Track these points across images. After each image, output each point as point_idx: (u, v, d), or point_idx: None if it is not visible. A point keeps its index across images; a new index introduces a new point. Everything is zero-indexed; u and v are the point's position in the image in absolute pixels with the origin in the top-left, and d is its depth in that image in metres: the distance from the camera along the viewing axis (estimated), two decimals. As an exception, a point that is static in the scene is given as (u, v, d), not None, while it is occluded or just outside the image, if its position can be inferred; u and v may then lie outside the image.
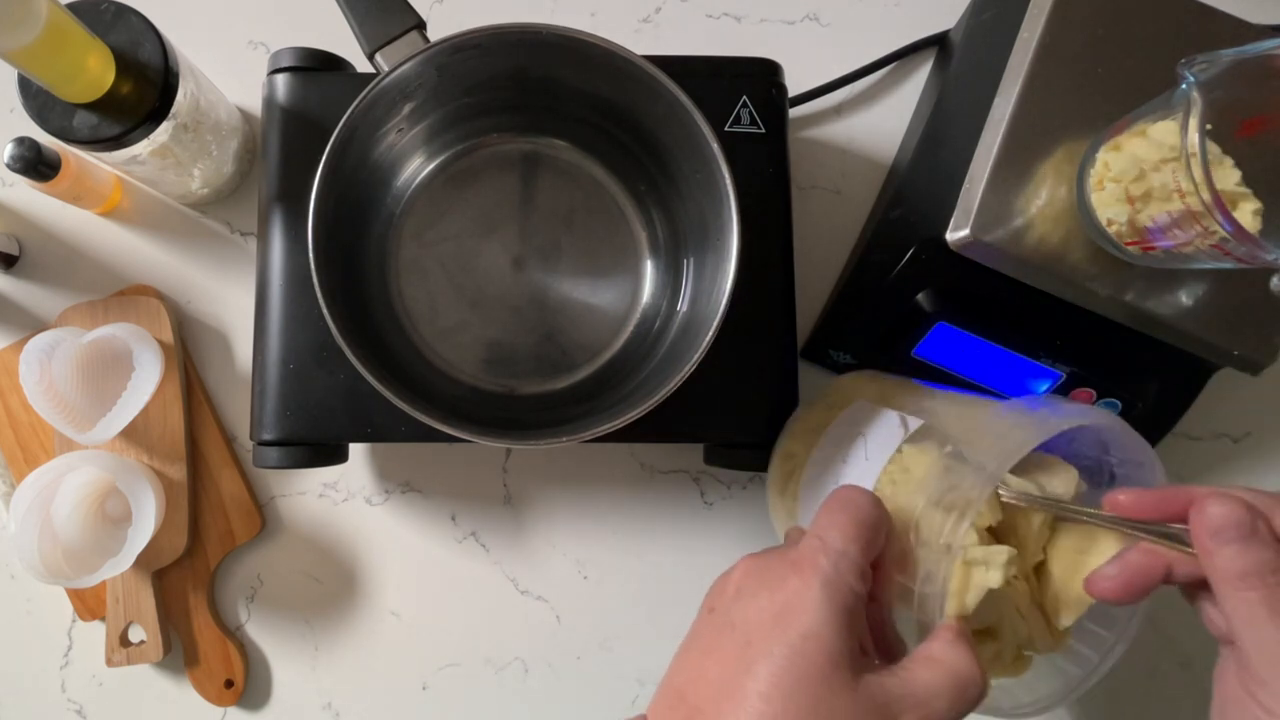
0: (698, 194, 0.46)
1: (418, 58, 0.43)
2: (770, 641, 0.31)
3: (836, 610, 0.31)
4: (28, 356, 0.49)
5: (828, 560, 0.32)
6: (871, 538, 0.33)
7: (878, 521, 0.34)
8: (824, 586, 0.31)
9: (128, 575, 0.53)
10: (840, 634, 0.30)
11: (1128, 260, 0.44)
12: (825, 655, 0.30)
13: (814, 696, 0.29)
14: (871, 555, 0.33)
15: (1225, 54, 0.35)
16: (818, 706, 0.29)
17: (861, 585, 0.32)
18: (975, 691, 0.31)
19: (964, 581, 0.35)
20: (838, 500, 0.35)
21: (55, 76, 0.41)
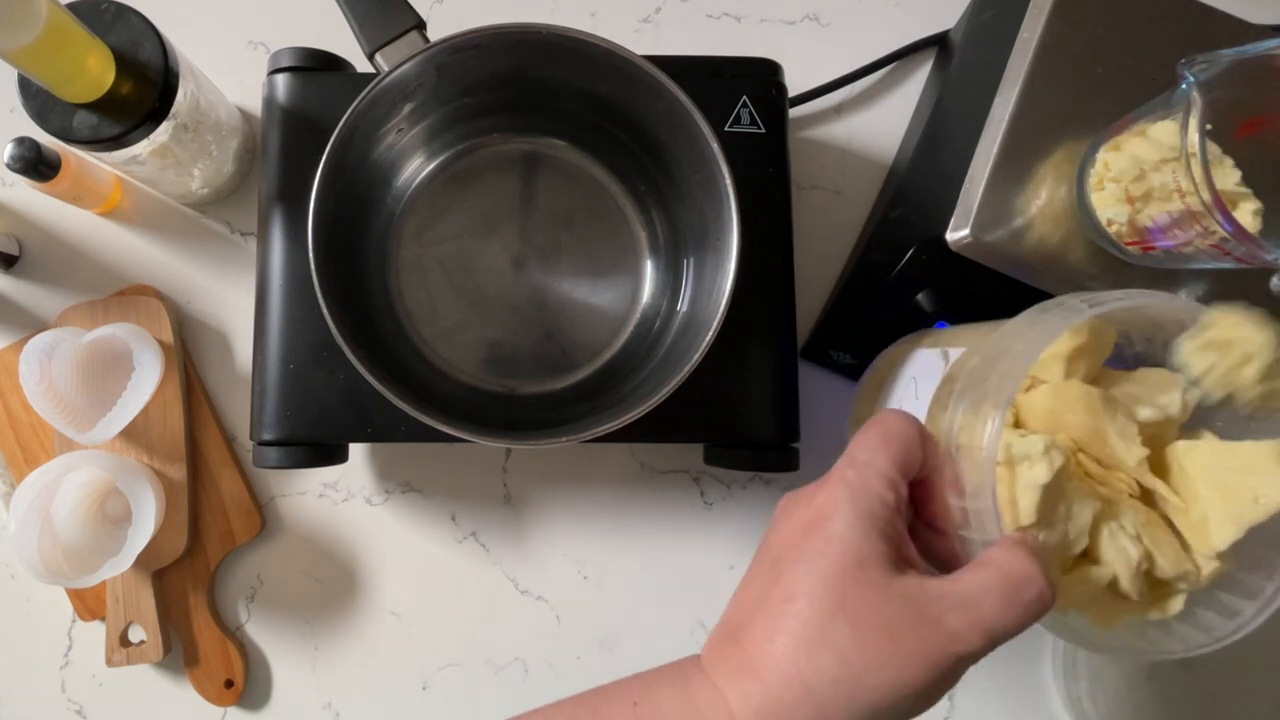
0: (698, 194, 0.46)
1: (418, 58, 0.43)
2: (797, 550, 0.31)
3: (861, 514, 0.30)
4: (28, 356, 0.49)
5: (853, 471, 0.32)
6: (901, 449, 0.32)
7: (908, 434, 0.33)
8: (848, 494, 0.31)
9: (128, 575, 0.53)
10: (866, 536, 0.30)
11: (1128, 260, 0.44)
12: (851, 555, 0.29)
13: (839, 594, 0.29)
14: (904, 467, 0.32)
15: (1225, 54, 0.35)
16: (844, 602, 0.29)
17: (890, 493, 0.31)
18: (1033, 591, 0.29)
19: (1012, 487, 0.32)
20: (870, 422, 0.34)
21: (55, 76, 0.41)
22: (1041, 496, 0.32)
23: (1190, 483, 0.34)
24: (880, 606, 0.29)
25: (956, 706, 0.56)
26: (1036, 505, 0.31)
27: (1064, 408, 0.35)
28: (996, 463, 0.31)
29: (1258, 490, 0.32)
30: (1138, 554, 0.33)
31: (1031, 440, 0.32)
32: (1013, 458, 0.32)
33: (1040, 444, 0.32)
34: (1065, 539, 0.32)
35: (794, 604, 0.29)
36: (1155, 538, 0.33)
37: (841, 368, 0.55)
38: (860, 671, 0.28)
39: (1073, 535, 0.33)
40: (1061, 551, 0.33)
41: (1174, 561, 0.33)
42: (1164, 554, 0.33)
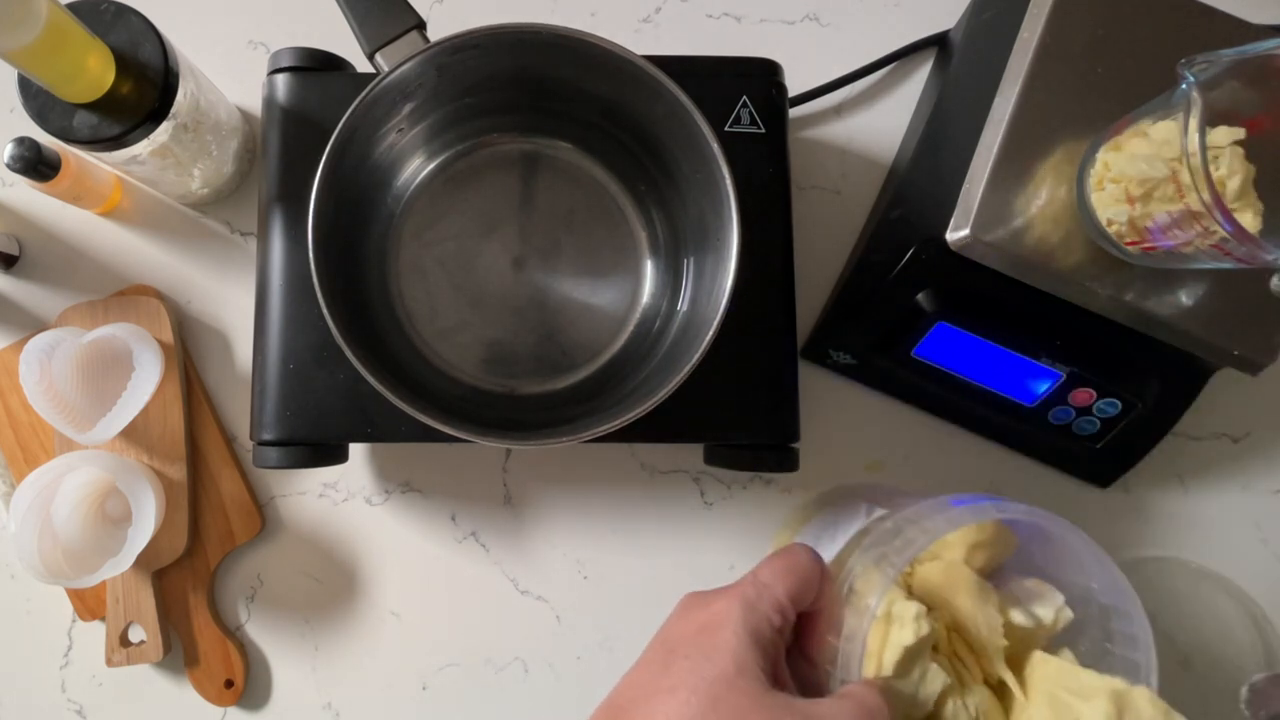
0: (698, 194, 0.46)
1: (418, 58, 0.43)
2: (687, 648, 0.34)
3: (749, 629, 0.34)
4: (28, 356, 0.49)
5: (753, 590, 0.36)
6: (800, 582, 0.36)
7: (810, 570, 0.37)
8: (742, 608, 0.35)
9: (128, 575, 0.53)
10: (749, 649, 0.33)
11: (1128, 260, 0.44)
12: (734, 662, 0.33)
13: (716, 693, 0.32)
14: (797, 598, 0.36)
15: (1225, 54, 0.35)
16: (718, 703, 0.32)
17: (778, 617, 0.35)
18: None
19: (883, 642, 0.37)
20: (782, 550, 0.38)
21: (55, 76, 0.41)
22: (903, 656, 0.36)
23: (1034, 689, 0.38)
24: (749, 713, 0.32)
25: (956, 706, 0.56)
26: (897, 662, 0.36)
27: (948, 586, 0.40)
28: (875, 616, 0.36)
29: (1080, 716, 0.36)
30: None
31: (908, 605, 0.37)
32: (891, 616, 0.37)
33: (913, 610, 0.37)
34: (914, 699, 0.37)
35: (676, 695, 0.33)
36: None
37: (841, 368, 0.55)
38: None
39: (921, 697, 0.37)
40: (906, 709, 0.37)
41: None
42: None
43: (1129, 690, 0.36)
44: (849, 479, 0.57)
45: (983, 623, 0.39)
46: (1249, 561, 0.56)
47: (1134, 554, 0.56)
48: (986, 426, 0.55)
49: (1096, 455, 0.54)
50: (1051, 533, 0.40)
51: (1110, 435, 0.52)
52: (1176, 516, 0.57)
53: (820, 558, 0.38)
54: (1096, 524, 0.56)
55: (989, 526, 0.42)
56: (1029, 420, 0.53)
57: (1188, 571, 0.56)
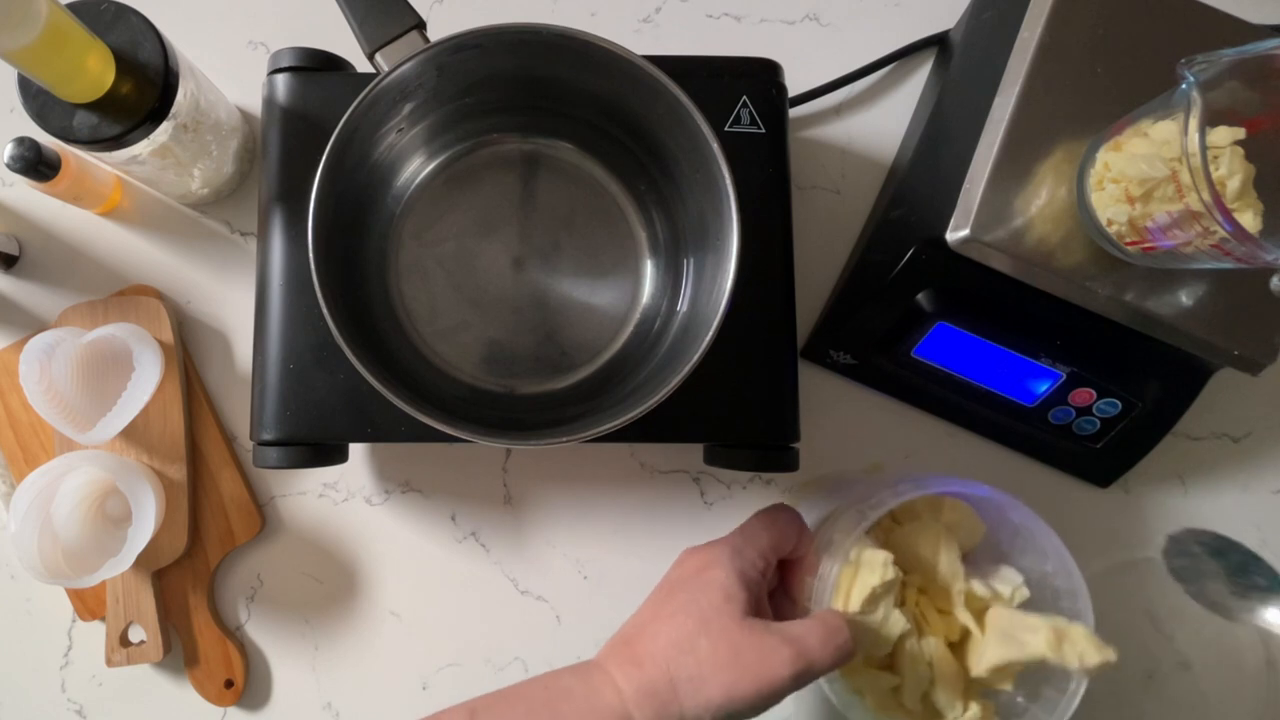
0: (698, 194, 0.46)
1: (418, 58, 0.43)
2: (685, 584, 0.42)
3: (737, 570, 0.42)
4: (28, 356, 0.49)
5: (740, 538, 0.44)
6: (779, 533, 0.45)
7: (787, 524, 0.45)
8: (732, 553, 0.43)
9: (128, 575, 0.53)
10: (737, 585, 0.41)
11: (1128, 260, 0.44)
12: (722, 593, 0.41)
13: (707, 618, 0.40)
14: (778, 545, 0.45)
15: (1225, 54, 0.35)
16: (708, 624, 0.40)
17: (761, 561, 0.43)
18: (841, 637, 0.40)
19: (851, 582, 0.43)
20: (765, 509, 0.47)
21: (55, 76, 0.41)
22: (868, 595, 0.43)
23: (988, 630, 0.45)
24: (732, 631, 0.40)
25: (956, 706, 0.56)
26: (863, 600, 0.43)
27: (920, 542, 0.46)
28: (848, 560, 0.43)
29: (1025, 642, 0.43)
30: (925, 675, 0.45)
31: (877, 553, 0.44)
32: (861, 561, 0.43)
33: (881, 557, 0.43)
34: (877, 638, 0.44)
35: (674, 619, 0.41)
36: (944, 673, 0.45)
37: (841, 368, 0.55)
38: (709, 673, 0.39)
39: (883, 636, 0.44)
40: (869, 645, 0.44)
41: (947, 693, 0.45)
42: (944, 686, 0.45)
43: (1069, 625, 0.43)
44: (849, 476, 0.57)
45: (944, 564, 0.46)
46: (1249, 561, 0.56)
47: (1134, 554, 0.56)
48: (986, 426, 0.55)
49: (1096, 455, 0.54)
50: (1014, 519, 0.46)
51: (1110, 435, 0.52)
52: (1176, 516, 0.57)
53: (799, 514, 0.46)
54: (1096, 524, 0.56)
55: (960, 508, 0.48)
56: (1029, 420, 0.53)
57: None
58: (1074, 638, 0.43)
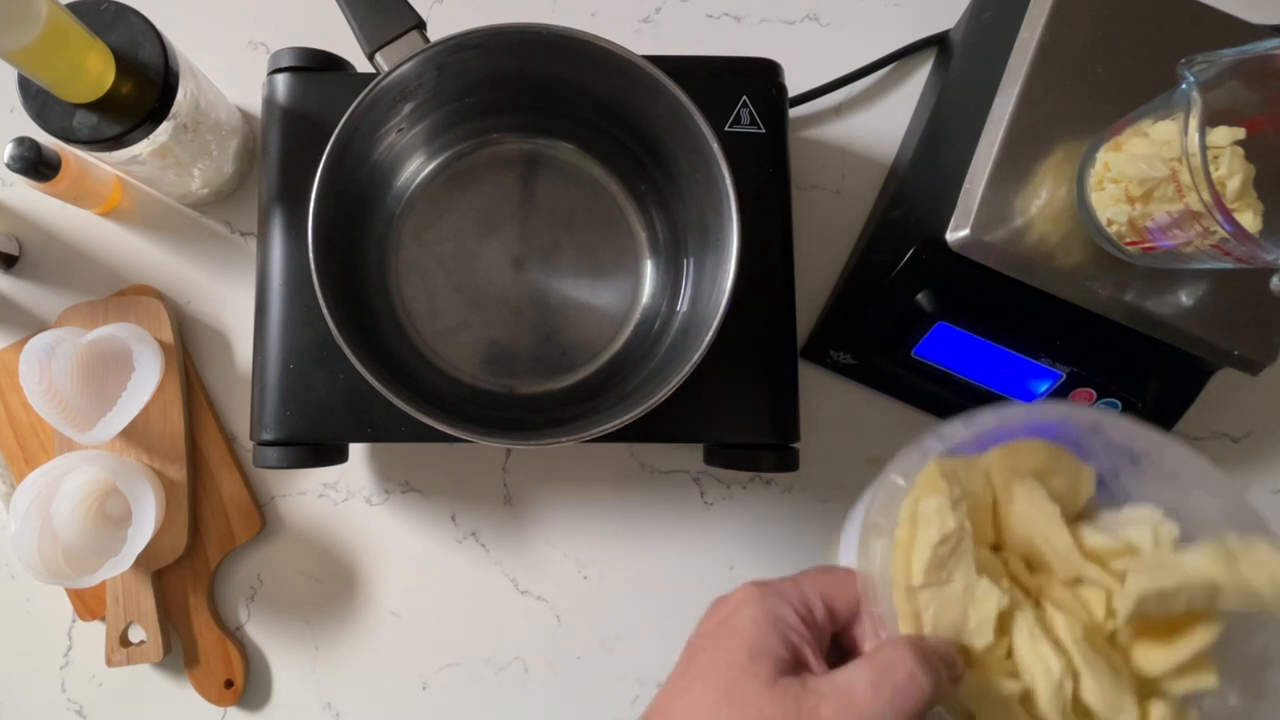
0: (698, 194, 0.46)
1: (418, 58, 0.43)
2: (705, 641, 0.33)
3: (766, 613, 0.32)
4: (28, 356, 0.49)
5: (775, 581, 0.34)
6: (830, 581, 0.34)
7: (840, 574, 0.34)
8: (760, 594, 0.33)
9: (128, 575, 0.53)
10: (764, 633, 0.32)
11: (1128, 260, 0.44)
12: (746, 648, 0.32)
13: (727, 683, 0.31)
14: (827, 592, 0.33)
15: (1225, 54, 0.35)
16: (730, 693, 0.31)
17: (801, 605, 0.33)
18: (901, 673, 0.29)
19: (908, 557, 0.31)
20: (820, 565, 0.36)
21: (55, 76, 0.41)
22: (930, 563, 0.31)
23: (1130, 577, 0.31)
24: (761, 699, 0.30)
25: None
26: (926, 571, 0.31)
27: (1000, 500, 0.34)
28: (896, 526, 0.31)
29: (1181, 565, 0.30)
30: (1060, 667, 0.30)
31: (929, 500, 0.32)
32: (915, 522, 0.32)
33: (934, 504, 0.31)
34: (963, 623, 0.31)
35: (691, 692, 0.32)
36: (1094, 663, 0.30)
37: (841, 368, 0.55)
38: None
39: (973, 623, 0.31)
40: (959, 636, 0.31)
41: (1106, 689, 0.30)
42: (1095, 676, 0.30)
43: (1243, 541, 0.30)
44: (850, 478, 0.56)
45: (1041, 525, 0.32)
46: (1249, 561, 0.56)
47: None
48: (986, 426, 0.55)
49: (1096, 455, 0.53)
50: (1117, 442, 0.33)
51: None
52: (1176, 516, 0.57)
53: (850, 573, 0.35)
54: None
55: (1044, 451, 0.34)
56: (1029, 420, 0.52)
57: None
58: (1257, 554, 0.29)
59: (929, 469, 0.33)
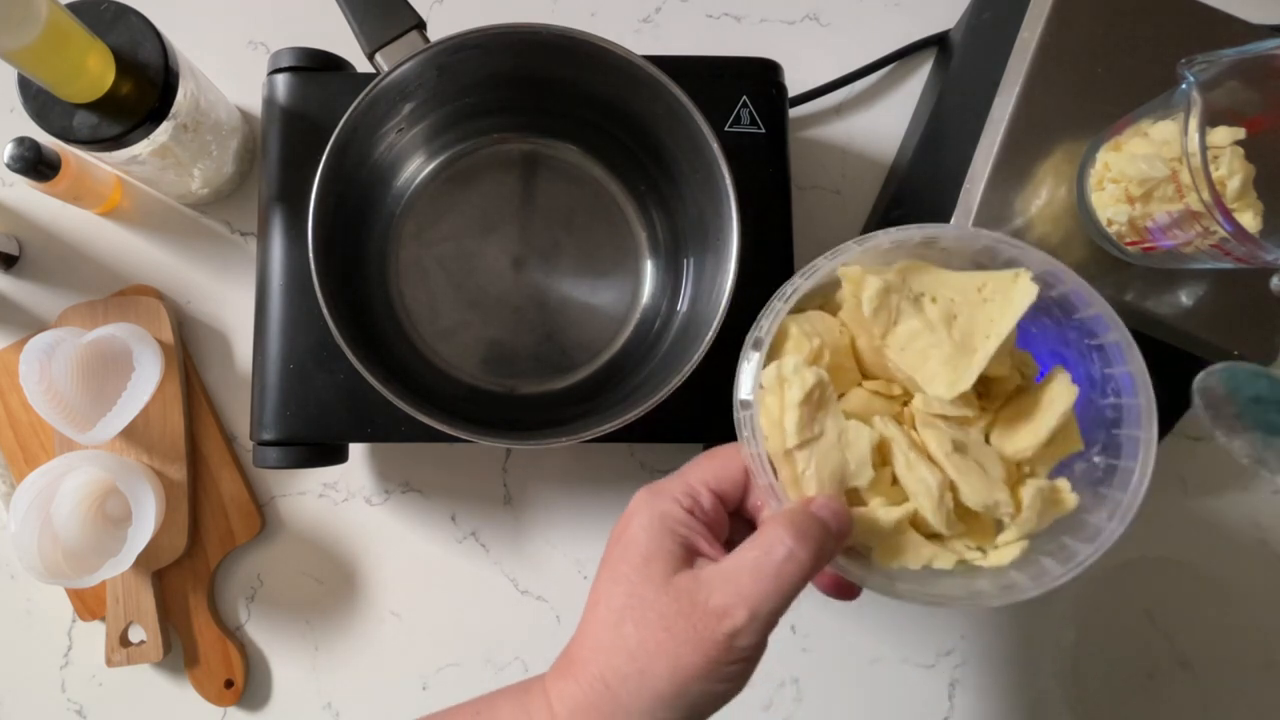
0: (698, 194, 0.46)
1: (418, 58, 0.43)
2: (606, 557, 0.34)
3: (653, 516, 0.33)
4: (28, 356, 0.49)
5: (661, 481, 0.35)
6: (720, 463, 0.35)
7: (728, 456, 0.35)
8: (647, 498, 0.34)
9: (128, 575, 0.53)
10: (656, 536, 0.33)
11: (1128, 260, 0.44)
12: (639, 555, 0.33)
13: (626, 595, 0.32)
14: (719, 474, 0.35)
15: (1225, 54, 0.35)
16: (629, 603, 0.32)
17: (686, 497, 0.34)
18: (780, 551, 0.31)
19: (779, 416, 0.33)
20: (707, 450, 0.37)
21: (55, 76, 0.41)
22: (799, 421, 0.32)
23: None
24: (658, 601, 0.32)
25: (956, 706, 0.56)
26: (798, 427, 0.32)
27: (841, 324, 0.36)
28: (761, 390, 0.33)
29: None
30: (936, 482, 0.33)
31: (786, 361, 0.33)
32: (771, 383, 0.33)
33: (791, 363, 0.33)
34: (843, 468, 0.33)
35: (595, 610, 0.33)
36: (960, 464, 0.33)
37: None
38: (645, 664, 0.31)
39: (853, 465, 0.33)
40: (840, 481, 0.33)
41: (980, 489, 0.33)
42: (968, 481, 0.33)
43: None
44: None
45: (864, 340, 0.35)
46: (1249, 561, 0.56)
47: (1134, 554, 0.56)
48: (986, 426, 0.55)
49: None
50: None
51: (1110, 435, 0.52)
52: (1177, 516, 0.57)
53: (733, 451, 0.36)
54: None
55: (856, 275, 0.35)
56: (1029, 420, 0.52)
57: (1187, 571, 0.56)
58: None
59: (781, 329, 0.35)
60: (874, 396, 0.35)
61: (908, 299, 0.34)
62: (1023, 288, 0.34)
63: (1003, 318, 0.33)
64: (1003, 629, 0.57)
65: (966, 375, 0.33)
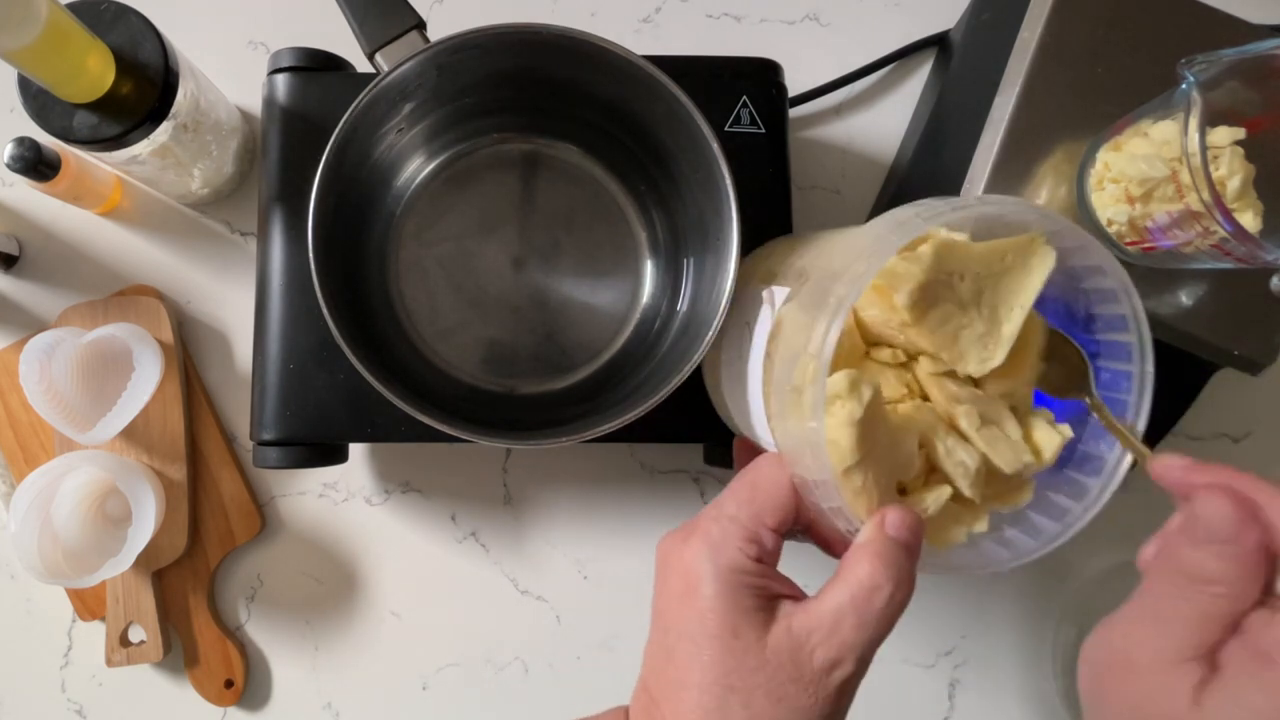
0: (698, 194, 0.46)
1: (418, 58, 0.43)
2: (680, 624, 0.32)
3: (722, 574, 0.31)
4: (28, 356, 0.49)
5: (717, 526, 0.33)
6: (769, 498, 0.33)
7: (776, 481, 0.33)
8: (709, 553, 0.32)
9: (128, 575, 0.53)
10: (735, 600, 0.31)
11: (1128, 260, 0.44)
12: (726, 628, 0.31)
13: (724, 673, 0.30)
14: (774, 514, 0.33)
15: (1225, 54, 0.35)
16: (730, 682, 0.30)
17: (752, 546, 0.32)
18: (881, 598, 0.30)
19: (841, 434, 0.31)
20: (742, 471, 0.35)
21: (55, 76, 0.41)
22: (858, 431, 0.31)
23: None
24: (760, 673, 0.30)
25: (956, 707, 0.56)
26: (855, 442, 0.31)
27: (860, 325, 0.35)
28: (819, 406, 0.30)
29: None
30: (975, 462, 0.33)
31: (836, 378, 0.32)
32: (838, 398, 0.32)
33: (845, 381, 0.31)
34: (895, 469, 0.33)
35: (688, 693, 0.31)
36: (990, 437, 0.34)
37: (841, 368, 0.55)
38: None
39: (903, 463, 0.33)
40: (894, 481, 0.33)
41: (1007, 454, 0.34)
42: (998, 451, 0.33)
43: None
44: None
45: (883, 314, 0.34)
46: (1249, 561, 0.56)
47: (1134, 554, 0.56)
48: (986, 426, 0.55)
49: (1096, 455, 0.53)
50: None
51: (1110, 435, 0.52)
52: (1176, 516, 0.57)
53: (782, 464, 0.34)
54: (1097, 524, 0.56)
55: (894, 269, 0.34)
56: (1029, 420, 0.52)
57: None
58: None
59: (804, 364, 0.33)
60: (884, 368, 0.35)
61: (941, 283, 0.34)
62: (1041, 257, 0.34)
63: (1024, 289, 0.34)
64: (1003, 629, 0.57)
65: (998, 351, 0.33)
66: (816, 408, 0.30)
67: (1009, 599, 0.57)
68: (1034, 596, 0.57)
